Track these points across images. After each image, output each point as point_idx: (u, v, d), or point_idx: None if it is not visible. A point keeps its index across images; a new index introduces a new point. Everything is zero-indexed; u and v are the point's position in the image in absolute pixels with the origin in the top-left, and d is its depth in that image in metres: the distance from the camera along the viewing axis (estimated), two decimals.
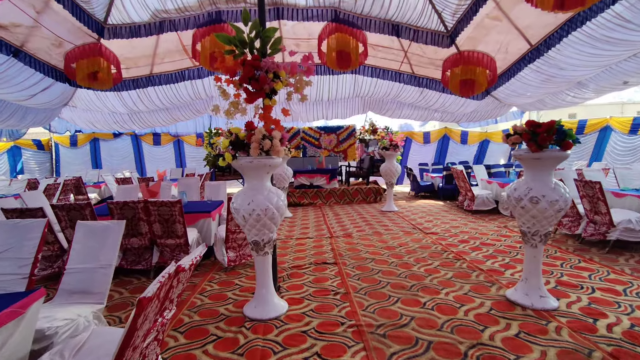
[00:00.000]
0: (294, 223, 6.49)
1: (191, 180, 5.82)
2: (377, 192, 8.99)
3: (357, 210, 7.80)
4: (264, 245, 2.70)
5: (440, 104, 8.31)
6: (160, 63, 6.99)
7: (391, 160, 7.46)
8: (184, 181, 5.79)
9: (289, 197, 8.64)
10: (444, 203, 8.49)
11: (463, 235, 5.16)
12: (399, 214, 7.05)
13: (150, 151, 11.30)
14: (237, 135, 2.71)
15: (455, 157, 11.65)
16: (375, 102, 9.70)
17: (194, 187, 5.74)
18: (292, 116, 10.11)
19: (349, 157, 10.93)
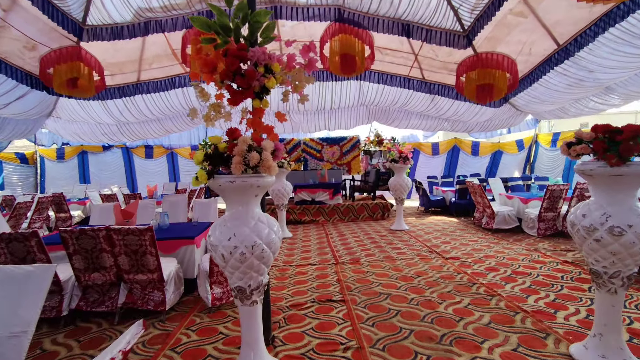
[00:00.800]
0: (294, 244, 5.82)
1: (177, 198, 5.19)
2: (385, 208, 8.33)
3: (364, 228, 7.13)
4: (252, 293, 2.04)
5: (452, 112, 7.72)
6: (147, 69, 6.46)
7: (400, 173, 6.83)
8: (169, 199, 5.16)
9: (288, 214, 7.99)
10: (458, 220, 7.81)
11: (489, 261, 4.48)
12: (411, 234, 6.38)
13: (142, 165, 10.73)
14: (217, 146, 2.09)
15: (465, 170, 11.03)
16: (381, 111, 9.14)
17: (180, 206, 5.11)
18: (293, 127, 9.56)
19: (353, 170, 10.32)
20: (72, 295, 3.00)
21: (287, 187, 6.38)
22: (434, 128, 9.61)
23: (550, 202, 5.58)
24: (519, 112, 7.89)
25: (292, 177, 9.53)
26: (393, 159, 6.81)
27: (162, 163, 10.81)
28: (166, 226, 4.11)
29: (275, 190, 6.32)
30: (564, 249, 4.94)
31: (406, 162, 6.70)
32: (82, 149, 10.35)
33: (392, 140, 9.77)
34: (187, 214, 5.71)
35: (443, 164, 11.14)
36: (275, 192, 6.32)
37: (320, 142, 10.24)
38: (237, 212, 2.01)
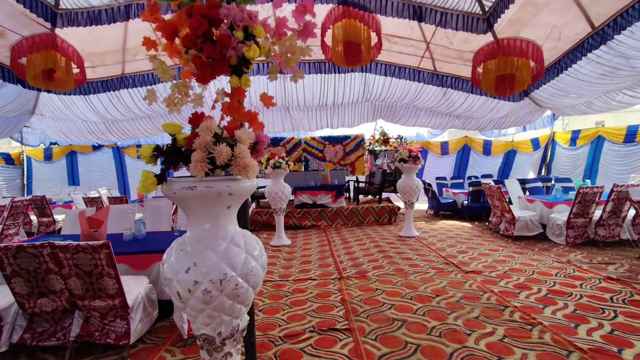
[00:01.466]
0: (293, 254, 5.25)
1: (160, 203, 4.63)
2: (392, 212, 7.74)
3: (369, 234, 6.54)
4: (223, 342, 1.46)
5: (465, 108, 7.13)
6: (132, 60, 5.93)
7: (410, 174, 6.24)
8: (151, 203, 4.61)
9: (287, 219, 7.42)
10: (471, 225, 7.21)
11: (516, 275, 3.88)
12: (422, 241, 5.79)
13: (134, 165, 10.21)
14: (175, 137, 1.53)
15: (476, 170, 10.41)
16: (387, 108, 8.56)
17: (164, 212, 4.55)
18: (293, 124, 9.00)
19: (357, 171, 9.74)
20: (15, 325, 2.44)
21: (285, 190, 5.80)
22: (443, 126, 9.01)
23: (581, 206, 4.97)
24: (538, 107, 7.28)
25: (291, 178, 8.96)
26: (402, 159, 6.22)
27: None
28: (142, 236, 3.55)
29: (272, 193, 5.75)
30: (601, 261, 4.33)
31: (416, 162, 6.11)
32: (71, 149, 9.84)
33: (399, 139, 9.18)
34: (173, 221, 5.17)
35: (452, 164, 10.53)
36: (272, 195, 5.75)
37: (322, 141, 9.68)
38: (201, 231, 1.43)
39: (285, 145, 9.61)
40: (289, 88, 6.84)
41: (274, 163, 5.65)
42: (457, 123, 8.69)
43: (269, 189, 5.80)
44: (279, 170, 5.71)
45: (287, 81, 6.64)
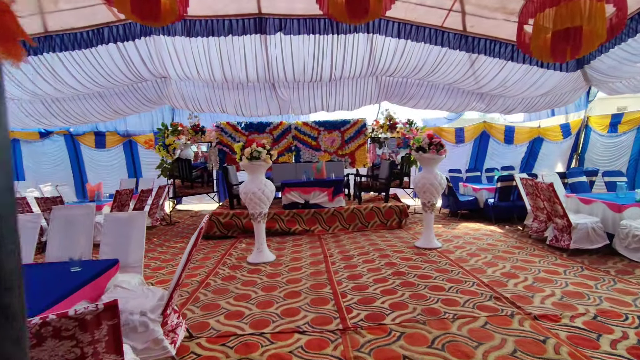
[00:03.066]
0: (276, 278, 3.86)
1: (76, 211, 3.18)
2: (402, 213, 6.38)
3: (376, 244, 5.18)
4: None
5: (498, 83, 5.72)
6: (55, 11, 4.40)
7: (430, 168, 4.86)
8: (61, 213, 3.14)
9: (273, 223, 6.02)
10: (501, 230, 5.89)
11: (616, 323, 2.55)
12: (448, 255, 4.44)
13: (92, 156, 8.69)
14: None
15: (496, 161, 9.08)
16: (396, 86, 7.12)
17: (81, 225, 3.11)
18: (280, 106, 7.52)
19: (358, 163, 8.34)
20: None
21: (266, 189, 4.38)
22: (462, 108, 7.61)
23: None
24: (584, 84, 5.91)
25: (279, 171, 7.55)
26: (420, 147, 4.83)
27: (117, 154, 8.77)
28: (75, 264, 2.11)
29: (248, 193, 4.32)
30: None
31: (440, 152, 4.72)
32: (12, 135, 8.28)
33: (409, 124, 7.77)
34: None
35: (469, 154, 9.18)
36: (249, 196, 4.33)
37: (316, 127, 8.23)
38: None
39: (272, 131, 8.15)
40: (273, 55, 5.35)
41: (250, 153, 4.21)
42: (479, 105, 7.30)
43: (244, 188, 4.38)
44: (258, 163, 4.28)
45: (270, 46, 5.15)
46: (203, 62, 5.46)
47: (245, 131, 8.10)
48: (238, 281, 3.79)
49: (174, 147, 7.16)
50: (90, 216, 3.17)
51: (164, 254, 5.04)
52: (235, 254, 4.95)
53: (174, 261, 4.68)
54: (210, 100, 7.13)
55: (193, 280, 3.87)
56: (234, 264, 4.43)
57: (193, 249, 2.25)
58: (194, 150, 8.08)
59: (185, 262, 2.22)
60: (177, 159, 7.53)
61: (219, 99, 7.06)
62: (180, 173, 7.71)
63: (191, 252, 2.23)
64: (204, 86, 6.77)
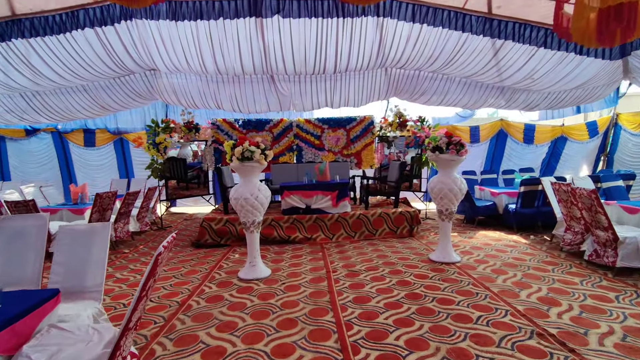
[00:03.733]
0: (269, 300, 3.30)
1: (26, 222, 2.65)
2: (414, 220, 5.79)
3: (386, 256, 4.61)
4: None
5: (524, 75, 5.11)
6: None
7: (449, 171, 4.27)
8: (6, 224, 2.61)
9: (271, 230, 5.48)
10: (526, 240, 5.29)
11: None
12: (469, 272, 3.86)
13: (81, 155, 8.22)
14: None
15: (514, 163, 8.45)
16: (407, 80, 6.53)
17: (32, 238, 2.58)
18: (281, 101, 6.97)
19: (365, 164, 7.77)
20: None
21: (260, 195, 3.82)
22: (479, 105, 7.00)
23: None
24: (622, 76, 5.27)
25: (279, 173, 7.01)
26: (436, 147, 4.25)
27: (108, 153, 8.29)
28: None
29: (239, 200, 3.77)
30: None
31: (460, 152, 4.14)
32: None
33: (420, 122, 7.17)
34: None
35: (484, 154, 8.55)
36: (240, 203, 3.77)
37: (319, 125, 7.66)
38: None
39: (271, 129, 7.60)
40: (271, 42, 4.78)
41: (241, 152, 3.65)
42: (498, 101, 6.68)
43: (235, 193, 3.82)
44: (251, 164, 3.72)
45: (267, 31, 4.59)
46: (192, 50, 4.92)
47: (243, 129, 7.56)
48: (225, 303, 3.24)
49: (165, 146, 6.64)
50: (42, 229, 2.63)
51: (143, 267, 4.51)
52: (227, 266, 4.40)
53: None
54: (204, 95, 6.60)
55: (173, 301, 3.33)
56: (223, 280, 3.88)
57: (149, 280, 1.70)
58: (193, 149, 7.56)
59: (138, 300, 1.67)
60: (170, 159, 7.02)
61: (213, 94, 6.53)
62: (175, 173, 7.20)
63: (145, 285, 1.68)
64: (196, 79, 6.24)
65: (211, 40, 4.72)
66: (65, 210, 5.53)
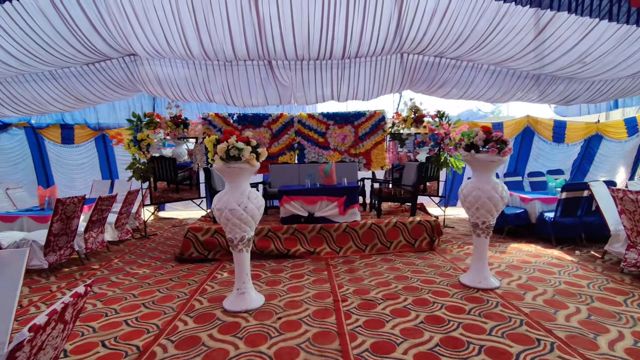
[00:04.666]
0: (259, 346, 2.51)
1: None
2: (435, 230, 4.99)
3: (405, 276, 3.81)
4: None
5: (575, 57, 4.28)
6: None
7: (487, 175, 3.47)
8: None
9: (267, 242, 4.70)
10: (571, 257, 4.48)
11: None
12: (514, 303, 3.06)
13: (59, 153, 7.46)
14: None
15: (541, 164, 7.64)
16: (426, 68, 5.73)
17: None
18: (280, 94, 6.19)
19: (375, 164, 6.96)
20: None
21: (251, 204, 3.03)
22: (507, 98, 6.18)
23: None
24: None
25: (278, 175, 6.23)
26: (471, 145, 3.44)
27: (88, 151, 7.54)
28: None
29: (223, 211, 2.98)
30: None
31: (504, 152, 3.33)
32: None
33: (439, 117, 6.35)
34: None
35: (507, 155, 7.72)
36: (225, 215, 2.98)
37: (324, 120, 6.86)
38: None
39: (270, 125, 6.81)
40: (267, 18, 3.98)
41: (226, 150, 2.86)
42: (530, 94, 5.87)
43: (218, 202, 3.03)
44: (239, 166, 2.93)
45: (262, 5, 3.80)
46: (173, 28, 4.14)
47: (238, 124, 6.77)
48: (199, 351, 2.45)
49: (148, 143, 5.86)
50: None
51: (111, 291, 3.73)
52: (212, 289, 3.62)
53: (105, 317, 3.35)
54: (192, 86, 5.82)
55: (131, 346, 2.54)
56: (204, 311, 3.10)
57: None
58: (190, 147, 6.78)
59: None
60: (158, 158, 6.24)
61: (202, 84, 5.75)
62: (163, 174, 6.43)
63: None
64: (182, 66, 5.46)
65: (194, 15, 3.93)
66: (26, 217, 4.77)
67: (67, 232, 4.36)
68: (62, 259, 4.34)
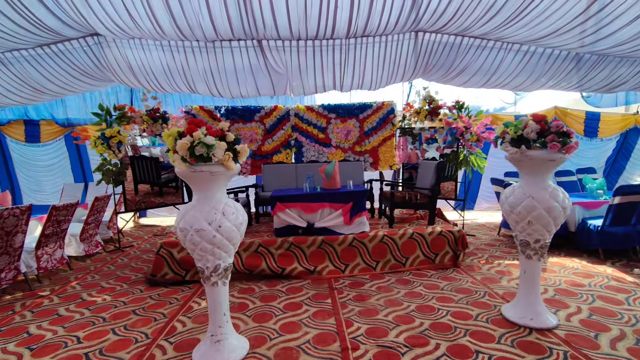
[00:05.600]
0: None
1: None
2: (460, 243, 4.19)
3: (431, 308, 3.02)
4: None
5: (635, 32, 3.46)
6: None
7: (540, 178, 2.66)
8: None
9: (257, 260, 3.90)
10: (629, 275, 3.67)
11: None
12: (587, 354, 2.25)
13: (23, 153, 6.64)
14: None
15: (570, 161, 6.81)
16: (444, 50, 4.93)
17: None
18: (274, 83, 5.39)
19: (383, 163, 6.15)
20: None
21: (226, 223, 2.21)
22: (538, 86, 5.39)
23: None
24: None
25: (272, 177, 5.45)
26: (519, 138, 2.64)
27: (58, 150, 6.72)
28: None
29: (188, 232, 2.17)
30: None
31: (568, 148, 2.51)
32: None
33: (457, 108, 5.54)
34: None
35: None
36: (190, 238, 2.17)
37: (324, 114, 6.05)
38: None
39: (263, 119, 5.99)
40: None
41: (190, 148, 2.05)
42: (568, 79, 5.06)
43: (181, 220, 2.23)
44: (208, 169, 2.12)
45: None
46: None
47: (227, 119, 5.95)
48: None
49: (118, 141, 5.05)
50: None
51: (49, 334, 2.92)
52: (183, 328, 2.82)
53: None
54: (170, 73, 5.01)
55: None
56: None
57: None
58: None
59: None
60: (137, 158, 5.43)
61: (182, 71, 4.94)
62: (144, 176, 5.62)
63: None
64: (157, 49, 4.64)
65: None
66: None
67: (9, 250, 3.56)
68: (2, 284, 3.54)
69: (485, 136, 5.35)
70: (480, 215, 7.11)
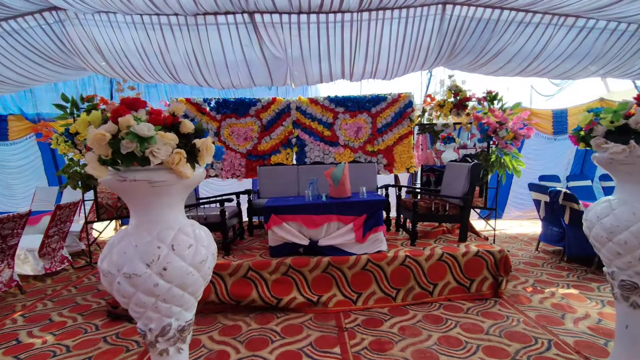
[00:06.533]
0: None
1: None
2: (501, 267, 3.34)
3: None
4: None
5: None
6: None
7: None
8: None
9: (247, 288, 3.09)
10: None
11: None
12: None
13: None
14: None
15: None
16: (477, 27, 4.09)
17: None
18: (271, 71, 4.60)
19: (399, 165, 5.31)
20: None
21: (179, 259, 1.38)
22: (588, 73, 4.51)
23: None
24: None
25: (269, 182, 4.64)
26: (623, 128, 1.78)
27: (29, 149, 5.97)
28: None
29: (116, 277, 1.34)
30: None
31: None
32: None
33: (489, 100, 4.67)
34: None
35: (571, 152, 6.00)
36: (118, 284, 1.34)
37: (330, 107, 5.22)
38: None
39: (259, 114, 5.18)
40: None
41: (113, 141, 1.21)
42: (627, 66, 4.19)
43: (105, 258, 1.39)
44: (146, 177, 1.29)
45: None
46: None
47: (217, 113, 5.15)
48: None
49: (85, 138, 4.25)
50: None
51: None
52: None
53: None
54: (147, 57, 4.22)
55: None
56: None
57: None
58: None
59: None
60: None
61: (160, 54, 4.16)
62: None
63: None
64: (127, 26, 3.86)
65: None
66: None
67: None
68: None
69: (523, 133, 4.51)
70: (509, 225, 6.23)
